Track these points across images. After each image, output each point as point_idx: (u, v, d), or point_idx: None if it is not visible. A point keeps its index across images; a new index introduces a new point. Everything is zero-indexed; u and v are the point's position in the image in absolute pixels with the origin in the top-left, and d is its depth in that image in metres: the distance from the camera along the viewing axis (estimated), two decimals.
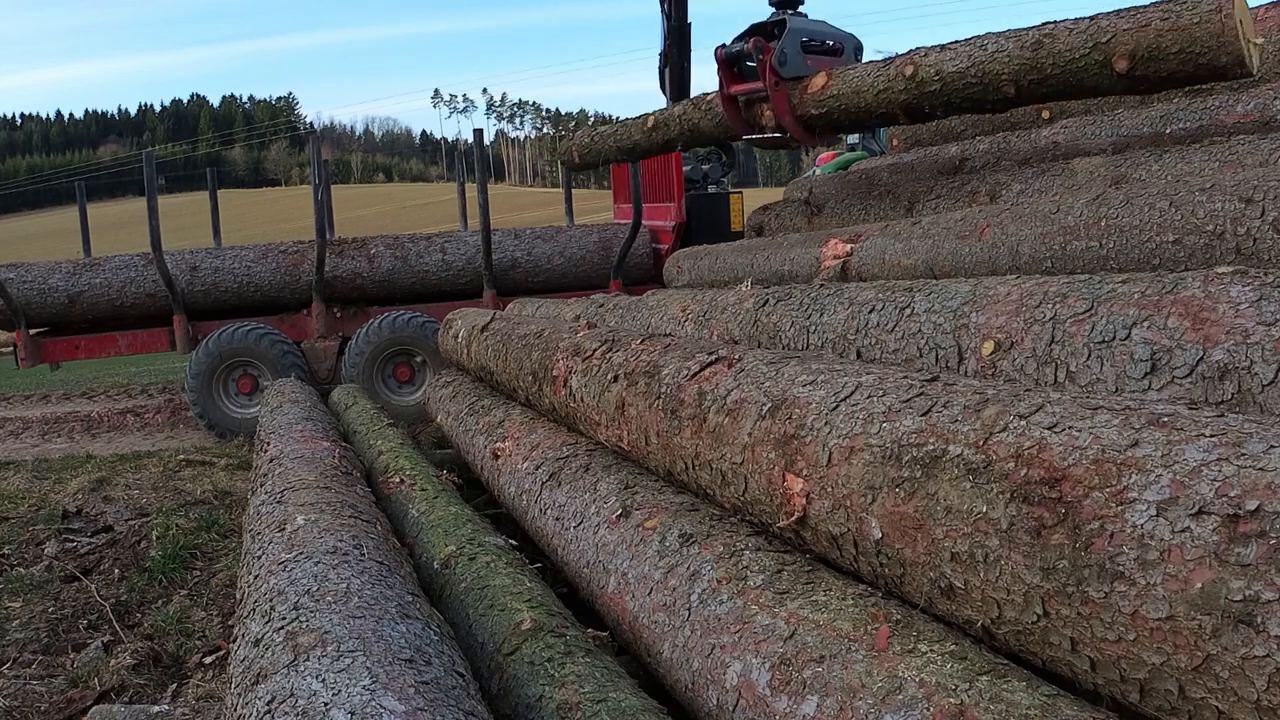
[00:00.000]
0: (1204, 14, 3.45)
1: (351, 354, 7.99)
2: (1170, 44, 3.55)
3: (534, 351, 3.92)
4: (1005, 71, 4.12)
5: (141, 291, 8.32)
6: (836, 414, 1.95)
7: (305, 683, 1.57)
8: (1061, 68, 3.91)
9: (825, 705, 1.65)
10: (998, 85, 4.19)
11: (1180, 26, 3.50)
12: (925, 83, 4.46)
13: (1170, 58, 3.58)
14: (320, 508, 2.73)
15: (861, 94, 4.80)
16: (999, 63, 4.14)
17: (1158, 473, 1.31)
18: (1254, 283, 1.89)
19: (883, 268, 4.27)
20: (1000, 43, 4.14)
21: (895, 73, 4.59)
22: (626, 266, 8.68)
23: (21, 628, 3.75)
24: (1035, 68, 4.00)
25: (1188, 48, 3.50)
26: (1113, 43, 3.71)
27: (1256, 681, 1.15)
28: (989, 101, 4.35)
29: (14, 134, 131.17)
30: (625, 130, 6.74)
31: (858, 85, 4.81)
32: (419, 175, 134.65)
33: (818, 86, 5.03)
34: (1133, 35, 3.64)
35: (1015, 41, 4.06)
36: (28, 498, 5.81)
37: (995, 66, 4.15)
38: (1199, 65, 3.52)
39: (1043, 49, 3.96)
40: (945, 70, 4.36)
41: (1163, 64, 3.61)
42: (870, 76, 4.74)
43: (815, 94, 5.05)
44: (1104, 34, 3.74)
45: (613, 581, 2.57)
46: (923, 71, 4.45)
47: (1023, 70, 4.04)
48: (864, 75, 4.79)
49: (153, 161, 8.20)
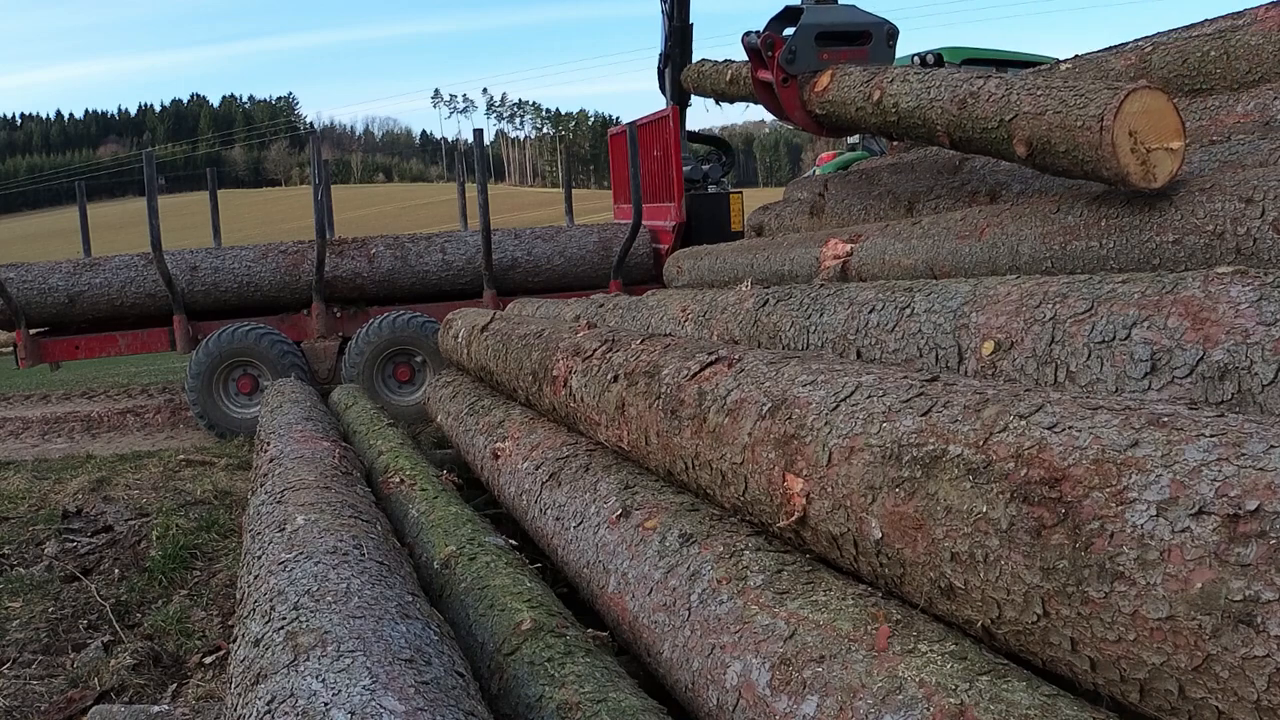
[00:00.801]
0: (1088, 119, 3.13)
1: (351, 354, 7.99)
2: (1059, 141, 3.26)
3: (534, 351, 3.92)
4: (939, 123, 3.96)
5: (141, 291, 8.32)
6: (836, 414, 1.95)
7: (305, 683, 1.57)
8: (979, 134, 3.70)
9: (825, 705, 1.65)
10: (935, 135, 4.06)
11: (1067, 125, 3.21)
12: (886, 110, 4.35)
13: (1060, 156, 3.29)
14: (320, 508, 2.73)
15: (846, 106, 4.74)
16: (935, 112, 3.98)
17: (1158, 473, 1.31)
18: (1254, 283, 1.89)
19: (883, 268, 4.27)
20: (940, 90, 3.97)
21: (867, 94, 4.50)
22: (627, 266, 8.68)
23: (21, 627, 3.75)
24: (960, 126, 3.80)
25: (1072, 150, 3.22)
26: (1014, 123, 3.46)
27: (1256, 681, 1.15)
28: (935, 141, 4.20)
29: (14, 134, 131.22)
30: (717, 75, 6.71)
31: (846, 97, 4.73)
32: (419, 175, 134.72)
33: (821, 87, 4.93)
34: (1029, 122, 3.39)
35: (950, 93, 3.88)
36: (28, 498, 5.81)
37: (932, 115, 4.00)
38: (1086, 171, 3.22)
39: (966, 110, 3.75)
40: (900, 105, 4.23)
41: (1055, 159, 3.34)
42: (854, 90, 4.66)
43: (819, 94, 4.95)
44: (1009, 111, 3.49)
45: (613, 581, 2.57)
46: (885, 100, 4.35)
47: (951, 125, 3.87)
48: (851, 88, 4.70)
49: (153, 161, 8.19)
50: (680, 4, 8.99)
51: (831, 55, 5.03)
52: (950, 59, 8.09)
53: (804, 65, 5.00)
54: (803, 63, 5.00)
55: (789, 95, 5.05)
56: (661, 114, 8.84)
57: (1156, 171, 3.06)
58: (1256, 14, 3.83)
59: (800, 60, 5.00)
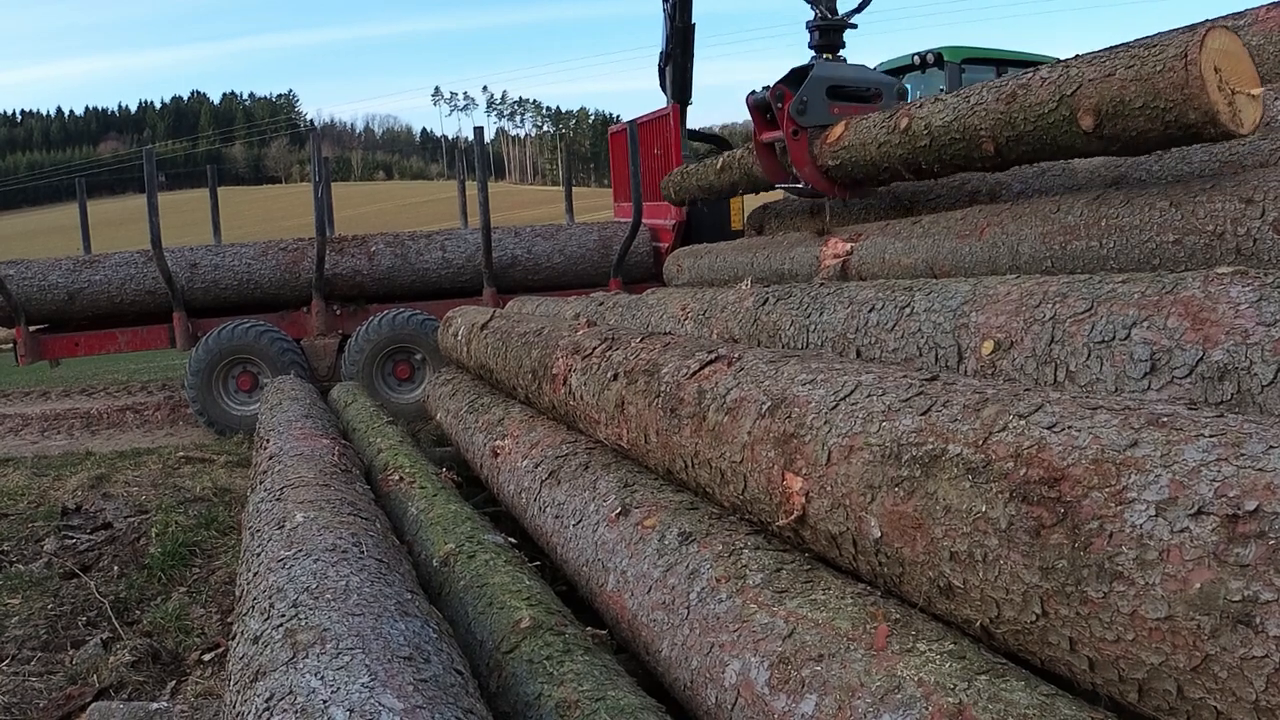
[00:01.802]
0: (1168, 61, 2.93)
1: (351, 351, 7.99)
2: (1134, 97, 3.03)
3: (534, 349, 3.92)
4: (984, 126, 3.71)
5: (141, 288, 8.32)
6: (836, 413, 1.95)
7: (304, 680, 1.57)
8: (1033, 124, 3.47)
9: (824, 704, 1.65)
10: (978, 141, 3.79)
11: (1143, 76, 2.99)
12: (917, 136, 4.12)
13: (1135, 114, 3.06)
14: (319, 505, 2.73)
15: (867, 146, 4.51)
16: (978, 117, 3.73)
17: (1157, 473, 1.32)
18: (1254, 283, 1.89)
19: (883, 267, 4.27)
20: (983, 95, 3.74)
21: (893, 124, 4.29)
22: (626, 265, 8.68)
23: (21, 624, 3.75)
24: (1009, 123, 3.57)
25: (1152, 102, 2.99)
26: (1078, 95, 3.21)
27: (1255, 681, 1.15)
28: (975, 159, 3.93)
29: (14, 130, 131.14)
30: (703, 172, 6.81)
31: (865, 137, 4.52)
32: (419, 173, 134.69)
33: (835, 136, 4.76)
34: (1096, 87, 3.15)
35: (994, 93, 3.67)
36: (27, 494, 5.82)
37: (975, 120, 3.75)
38: (1168, 123, 3.00)
39: (1015, 102, 3.51)
40: (933, 123, 4.00)
41: (1129, 121, 3.09)
42: (875, 128, 4.45)
43: (832, 144, 4.77)
44: (1070, 84, 3.26)
45: (612, 580, 2.57)
46: (915, 124, 4.12)
47: (999, 125, 3.64)
48: (871, 126, 4.50)
49: (153, 158, 8.19)
50: (683, 4, 8.97)
51: (842, 110, 4.90)
52: (950, 58, 8.08)
53: (815, 118, 4.88)
54: (814, 114, 4.87)
55: (798, 149, 4.91)
56: (662, 112, 8.84)
57: (1242, 116, 2.89)
58: (1257, 14, 3.83)
59: (811, 112, 4.87)
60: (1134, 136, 3.14)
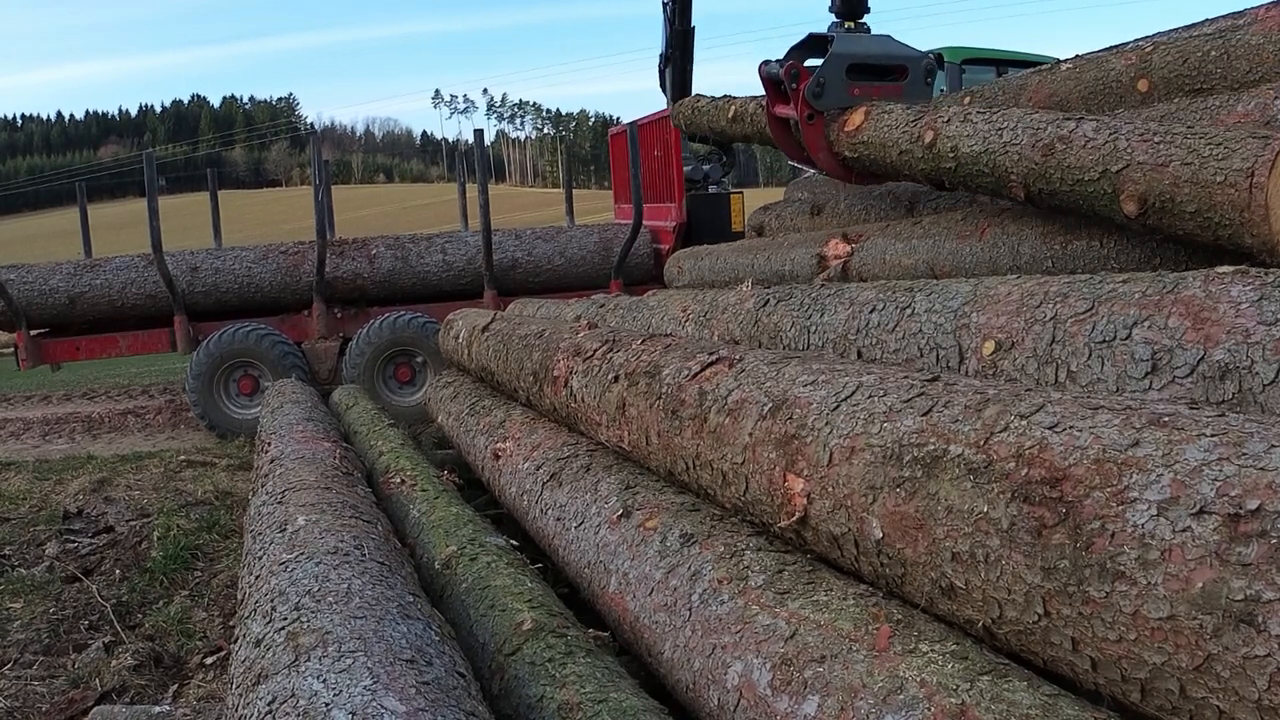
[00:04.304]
0: (1230, 175, 2.54)
1: (352, 354, 8.00)
2: (1187, 200, 2.67)
3: (535, 352, 3.92)
4: (1015, 171, 3.34)
5: (142, 292, 8.33)
6: (837, 414, 1.95)
7: (306, 683, 1.57)
8: (1070, 187, 3.09)
9: (826, 705, 1.65)
10: (1007, 182, 3.42)
11: (1201, 181, 2.61)
12: (942, 156, 3.73)
13: (1186, 218, 2.69)
14: (321, 508, 2.73)
15: (887, 149, 4.09)
16: (1009, 159, 3.36)
17: (1158, 472, 1.32)
18: (1255, 282, 1.89)
19: (883, 267, 4.27)
20: (1017, 133, 3.35)
21: (917, 135, 3.88)
22: (627, 267, 8.68)
23: (23, 628, 3.75)
24: (1043, 176, 3.20)
25: (1205, 211, 2.62)
26: (1124, 175, 2.85)
27: (1258, 681, 1.15)
28: (1002, 195, 3.57)
29: (14, 135, 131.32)
30: (716, 113, 6.07)
31: (885, 138, 4.11)
32: (419, 176, 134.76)
33: (854, 126, 4.32)
34: (1146, 174, 2.78)
35: (1031, 137, 3.27)
36: (29, 498, 5.82)
37: (1006, 162, 3.38)
38: (1219, 237, 2.63)
39: (1053, 157, 3.15)
40: (960, 149, 3.62)
41: (1177, 221, 2.74)
42: (897, 131, 4.03)
43: (850, 134, 4.33)
44: (1118, 160, 2.89)
45: (613, 582, 2.57)
46: (940, 143, 3.73)
47: (1031, 175, 3.27)
48: (893, 127, 4.07)
49: (153, 162, 8.20)
50: (683, 7, 8.97)
51: (863, 90, 4.43)
52: (950, 59, 8.07)
53: (833, 101, 4.40)
54: (831, 98, 4.40)
55: (813, 134, 4.45)
56: (662, 114, 8.84)
57: None
58: (1257, 14, 3.82)
59: (829, 95, 4.39)
60: (1179, 235, 2.83)
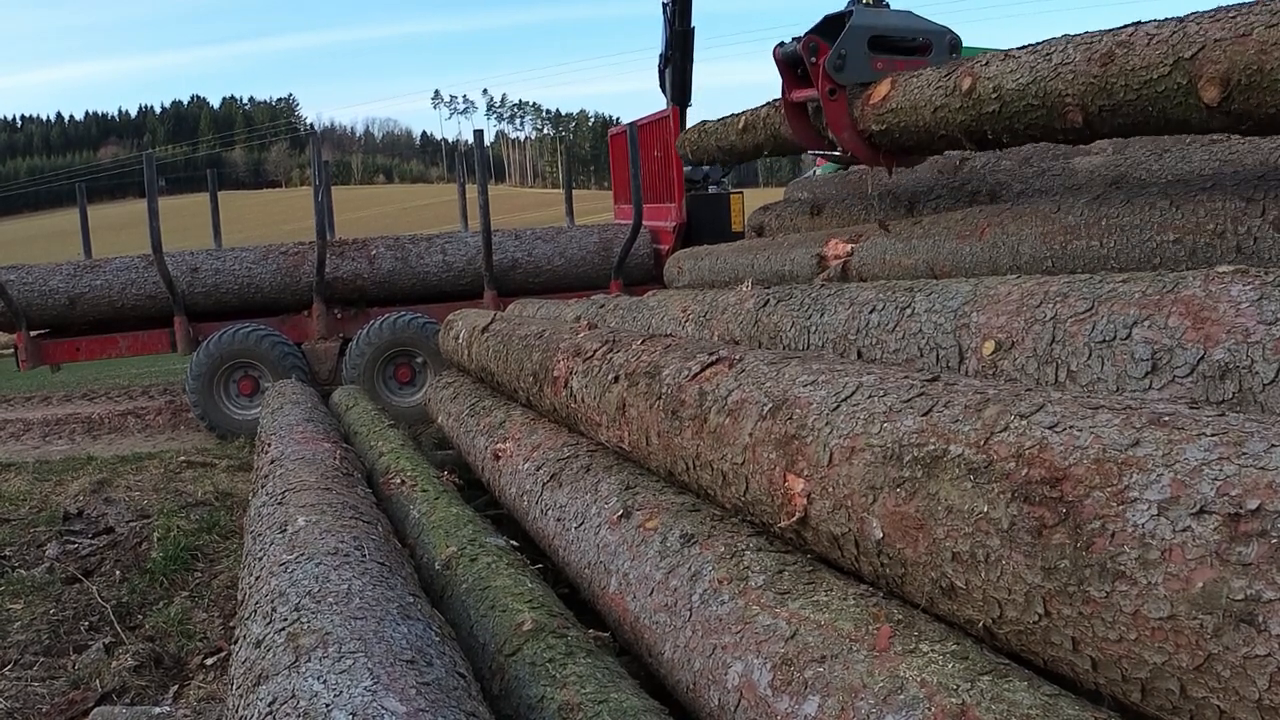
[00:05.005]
0: None
1: (352, 355, 8.00)
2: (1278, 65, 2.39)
3: (535, 352, 3.92)
4: (1070, 93, 3.05)
5: (142, 293, 8.33)
6: (837, 414, 1.95)
7: (306, 684, 1.57)
8: (1136, 92, 2.81)
9: (826, 705, 1.65)
10: (1062, 109, 3.13)
11: None
12: (983, 100, 3.45)
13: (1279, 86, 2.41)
14: (321, 509, 2.73)
15: (920, 109, 3.81)
16: (1062, 81, 3.07)
17: (1159, 472, 1.31)
18: (1255, 282, 1.89)
19: (883, 267, 4.27)
20: (1068, 53, 3.07)
21: (953, 85, 3.61)
22: (627, 267, 8.68)
23: (23, 629, 3.75)
24: (1104, 90, 2.91)
25: None
26: (1200, 58, 2.54)
27: (1258, 680, 1.15)
28: (1057, 130, 3.28)
29: (14, 136, 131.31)
30: (723, 130, 5.97)
31: (917, 98, 3.85)
32: (419, 176, 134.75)
33: (880, 96, 4.11)
34: (1225, 50, 2.48)
35: (1085, 51, 3.00)
36: (29, 499, 5.82)
37: (1059, 85, 3.09)
38: None
39: (1114, 64, 2.85)
40: (1004, 86, 3.33)
41: (1269, 95, 2.43)
42: (929, 88, 3.77)
43: (876, 105, 4.11)
44: (1190, 45, 2.60)
45: (614, 582, 2.57)
46: (980, 86, 3.45)
47: (1090, 92, 2.97)
48: (924, 86, 3.82)
49: (153, 163, 8.20)
50: (682, 8, 8.97)
51: (886, 65, 4.26)
52: None
53: (855, 74, 4.22)
54: (853, 70, 4.21)
55: (836, 111, 4.25)
56: (662, 114, 8.85)
57: None
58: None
59: (850, 67, 4.21)
60: (1270, 117, 2.51)
